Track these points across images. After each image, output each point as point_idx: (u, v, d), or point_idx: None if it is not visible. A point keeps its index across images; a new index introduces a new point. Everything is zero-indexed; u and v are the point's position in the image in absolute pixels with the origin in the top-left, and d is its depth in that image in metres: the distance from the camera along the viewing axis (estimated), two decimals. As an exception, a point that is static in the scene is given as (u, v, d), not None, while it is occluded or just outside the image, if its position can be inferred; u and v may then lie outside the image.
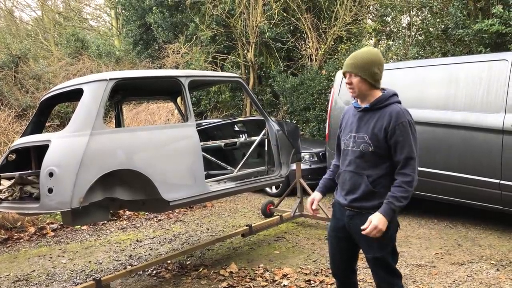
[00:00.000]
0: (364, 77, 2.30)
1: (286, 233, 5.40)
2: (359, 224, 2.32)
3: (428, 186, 5.43)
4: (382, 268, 2.36)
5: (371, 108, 2.33)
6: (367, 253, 2.38)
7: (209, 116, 12.48)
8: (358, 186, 2.33)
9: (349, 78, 2.33)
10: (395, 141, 2.24)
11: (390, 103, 2.32)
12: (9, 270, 4.56)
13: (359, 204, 2.33)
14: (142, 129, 3.63)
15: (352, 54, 2.37)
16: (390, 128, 2.24)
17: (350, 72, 2.32)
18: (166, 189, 3.43)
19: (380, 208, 2.22)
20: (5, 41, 11.33)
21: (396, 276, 2.39)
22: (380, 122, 2.27)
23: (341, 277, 2.60)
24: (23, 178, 3.25)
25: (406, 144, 2.23)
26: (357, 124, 2.37)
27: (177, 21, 13.50)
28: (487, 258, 4.24)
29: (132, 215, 6.72)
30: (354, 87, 2.33)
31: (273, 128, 4.65)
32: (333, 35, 11.88)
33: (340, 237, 2.49)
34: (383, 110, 2.30)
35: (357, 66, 2.30)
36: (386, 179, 2.30)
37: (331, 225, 2.56)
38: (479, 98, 4.99)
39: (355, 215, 2.36)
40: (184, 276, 4.12)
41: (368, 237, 2.29)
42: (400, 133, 2.23)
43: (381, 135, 2.25)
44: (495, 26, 7.52)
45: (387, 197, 2.23)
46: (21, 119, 8.76)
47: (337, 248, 2.53)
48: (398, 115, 2.25)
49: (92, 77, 3.43)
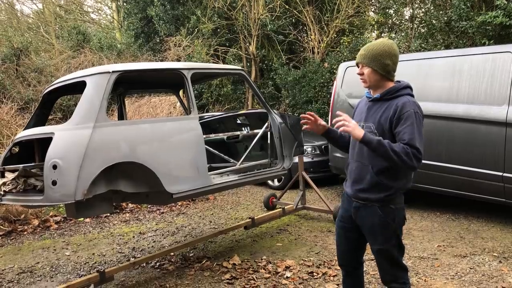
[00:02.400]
0: (375, 68, 2.30)
1: (288, 226, 5.41)
2: (365, 216, 2.35)
3: (430, 178, 5.43)
4: (387, 260, 2.37)
5: (381, 98, 2.33)
6: (372, 245, 2.40)
7: (211, 109, 12.47)
8: (363, 176, 2.34)
9: (361, 68, 2.36)
10: (398, 130, 2.21)
11: (400, 94, 2.31)
12: (14, 262, 4.59)
13: (364, 196, 2.33)
14: (145, 122, 3.62)
15: (366, 45, 2.39)
16: (395, 117, 2.23)
17: (361, 63, 2.35)
18: (169, 181, 3.43)
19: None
20: (6, 34, 11.31)
21: (402, 269, 2.39)
22: (387, 112, 2.27)
23: (347, 268, 2.62)
24: (27, 171, 3.25)
25: (408, 132, 2.15)
26: (366, 113, 2.39)
27: (178, 14, 13.44)
28: (490, 250, 4.25)
29: (135, 207, 6.74)
30: (365, 78, 2.35)
31: (276, 121, 4.64)
32: (335, 28, 11.83)
33: (347, 227, 2.51)
34: (392, 101, 2.30)
35: (368, 57, 2.31)
36: (391, 171, 2.28)
37: (339, 214, 2.58)
38: (483, 91, 4.97)
39: (361, 206, 2.37)
40: (187, 268, 4.14)
41: (373, 229, 2.32)
42: (403, 121, 2.18)
43: (386, 125, 2.25)
44: (499, 18, 7.47)
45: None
46: (24, 112, 8.77)
47: (344, 238, 2.55)
48: (404, 105, 2.23)
49: (95, 70, 3.42)
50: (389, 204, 2.30)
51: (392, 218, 2.31)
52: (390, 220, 2.30)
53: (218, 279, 3.82)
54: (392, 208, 2.31)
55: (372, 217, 2.32)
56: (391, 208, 2.31)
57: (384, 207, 2.30)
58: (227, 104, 12.60)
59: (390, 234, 2.32)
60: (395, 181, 2.30)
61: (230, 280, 3.77)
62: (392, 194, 2.30)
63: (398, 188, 2.31)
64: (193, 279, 3.85)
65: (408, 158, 2.12)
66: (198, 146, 3.70)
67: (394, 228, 2.33)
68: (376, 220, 2.31)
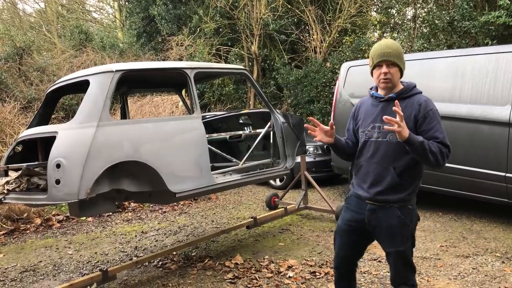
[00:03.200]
0: (401, 67, 2.28)
1: (290, 225, 5.41)
2: (382, 218, 2.29)
3: (433, 178, 5.42)
4: (402, 262, 2.32)
5: (397, 98, 2.27)
6: (389, 247, 2.31)
7: (213, 108, 12.47)
8: (383, 178, 2.27)
9: (387, 67, 2.25)
10: (426, 128, 2.20)
11: (415, 93, 2.31)
12: (16, 261, 4.60)
13: (383, 198, 2.27)
14: (149, 121, 3.62)
15: (383, 43, 2.28)
16: (420, 115, 2.21)
17: (390, 61, 2.24)
18: (172, 180, 3.43)
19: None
20: (9, 33, 11.31)
21: (412, 271, 2.36)
22: (408, 110, 2.23)
23: (342, 270, 2.55)
24: (30, 170, 3.26)
25: (439, 130, 2.19)
26: (380, 113, 2.30)
27: (180, 13, 13.44)
28: (492, 250, 4.24)
29: (137, 207, 6.75)
30: (391, 77, 2.26)
31: (279, 121, 4.64)
32: (337, 27, 11.82)
33: (354, 230, 2.42)
34: (409, 99, 2.28)
35: (395, 55, 2.25)
36: (412, 171, 2.27)
37: (344, 218, 2.47)
38: (486, 91, 4.96)
39: (377, 208, 2.30)
40: (189, 268, 4.14)
41: (392, 230, 2.26)
42: (430, 120, 2.20)
43: (410, 123, 2.20)
44: (502, 18, 7.46)
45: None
46: (27, 111, 8.77)
47: (348, 241, 2.46)
48: (427, 103, 2.24)
49: (98, 69, 3.43)
50: (407, 204, 2.29)
51: (410, 218, 2.29)
52: (408, 221, 2.28)
53: (221, 279, 3.82)
54: (410, 208, 2.30)
55: (390, 219, 2.27)
56: (409, 208, 2.29)
57: (403, 208, 2.27)
58: (229, 104, 12.60)
59: (408, 235, 2.30)
60: (414, 181, 2.30)
61: (233, 280, 3.77)
62: (411, 194, 2.29)
63: (415, 188, 2.32)
64: (195, 279, 3.85)
65: (442, 158, 2.15)
66: (201, 145, 3.70)
67: (411, 229, 2.31)
68: (395, 222, 2.26)
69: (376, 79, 2.32)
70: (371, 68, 2.35)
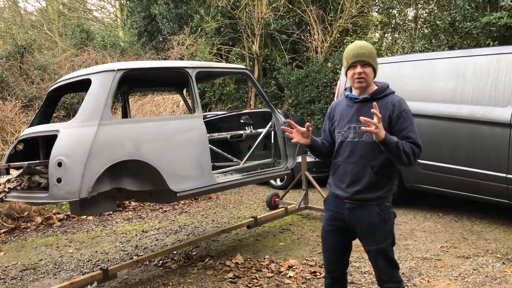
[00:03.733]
0: (375, 67, 2.33)
1: (291, 225, 5.42)
2: (360, 216, 2.32)
3: (434, 179, 5.42)
4: (383, 260, 2.34)
5: (371, 98, 2.33)
6: (370, 245, 2.34)
7: (214, 108, 12.47)
8: (361, 177, 2.31)
9: (362, 67, 2.29)
10: (400, 128, 2.26)
11: (388, 93, 2.37)
12: (17, 259, 4.60)
13: (361, 196, 2.31)
14: (150, 120, 3.63)
15: (356, 45, 2.33)
16: (394, 115, 2.27)
17: (364, 61, 2.29)
18: (173, 180, 3.44)
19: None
20: (10, 31, 11.32)
21: (395, 268, 2.39)
22: (382, 110, 2.26)
23: (335, 273, 2.53)
24: (31, 168, 3.26)
25: (412, 131, 2.26)
26: (355, 114, 2.35)
27: (182, 13, 13.45)
28: (493, 251, 4.24)
29: (138, 206, 6.76)
30: (366, 77, 2.31)
31: (280, 120, 4.64)
32: (339, 28, 11.82)
33: (337, 229, 2.43)
34: (383, 99, 2.33)
35: (369, 55, 2.30)
36: (388, 169, 2.32)
37: (326, 218, 2.49)
38: (487, 92, 4.96)
39: (356, 207, 2.34)
40: (190, 267, 4.15)
41: (372, 228, 2.30)
42: (403, 120, 2.27)
43: (385, 123, 2.24)
44: (503, 19, 7.45)
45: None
46: (27, 110, 8.78)
47: (334, 241, 2.46)
48: (400, 103, 2.31)
49: (100, 68, 3.43)
50: (385, 202, 2.34)
51: (388, 216, 2.34)
52: (387, 218, 2.33)
53: (221, 278, 3.82)
54: (387, 205, 2.35)
55: (370, 216, 2.30)
56: (386, 205, 2.34)
57: (381, 205, 2.32)
58: (229, 103, 12.60)
59: (387, 232, 2.34)
60: (391, 179, 2.36)
61: (233, 279, 3.77)
62: (388, 192, 2.35)
63: (392, 186, 2.38)
64: (196, 278, 3.86)
65: (414, 158, 2.22)
66: (202, 145, 3.71)
67: (390, 226, 2.35)
68: (375, 219, 2.30)
69: (350, 79, 2.37)
70: (345, 69, 2.39)
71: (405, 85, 5.68)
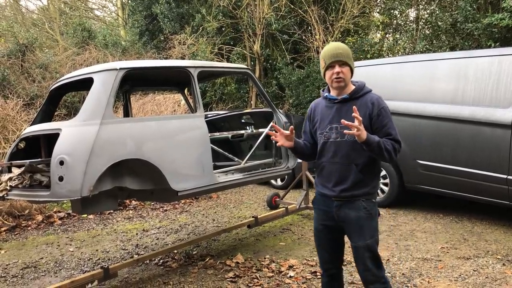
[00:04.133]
0: (352, 67, 2.39)
1: (291, 225, 5.42)
2: (348, 212, 2.36)
3: (434, 180, 5.43)
4: (370, 257, 2.34)
5: (350, 98, 2.37)
6: (358, 241, 2.35)
7: (215, 108, 12.48)
8: (347, 176, 2.35)
9: (340, 67, 2.33)
10: (380, 126, 2.31)
11: (366, 92, 2.41)
12: (18, 257, 4.61)
13: (349, 194, 2.35)
14: (152, 119, 3.63)
15: (333, 46, 2.37)
16: (373, 114, 2.32)
17: (342, 61, 2.33)
18: (174, 179, 3.44)
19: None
20: (12, 30, 11.34)
21: (382, 268, 2.39)
22: (362, 109, 2.31)
23: (331, 271, 2.55)
24: (33, 166, 3.27)
25: (391, 127, 2.32)
26: (335, 115, 2.39)
27: (183, 12, 13.45)
28: (493, 253, 4.24)
29: (138, 205, 6.76)
30: (344, 77, 2.35)
31: (281, 120, 4.65)
32: (340, 28, 11.81)
33: (329, 226, 2.46)
34: (361, 99, 2.37)
35: (346, 55, 2.34)
36: (371, 166, 2.37)
37: (317, 218, 2.52)
38: (488, 93, 4.96)
39: (343, 204, 2.37)
40: (190, 266, 4.15)
41: (360, 223, 2.34)
42: (383, 118, 2.32)
43: (365, 121, 2.28)
44: (505, 20, 7.46)
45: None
46: (29, 108, 8.80)
47: (326, 239, 2.49)
48: (378, 101, 2.36)
49: (102, 66, 3.43)
50: (371, 198, 2.39)
51: (375, 211, 2.39)
52: (374, 214, 2.37)
53: (222, 277, 3.83)
54: (374, 202, 2.40)
55: (357, 211, 2.34)
56: (373, 201, 2.39)
57: (368, 201, 2.36)
58: (230, 103, 12.61)
59: (374, 228, 2.38)
60: (375, 176, 2.42)
61: (234, 279, 3.78)
62: (374, 188, 2.40)
63: (377, 182, 2.46)
64: (196, 277, 3.86)
65: (395, 154, 2.30)
66: (203, 144, 3.71)
67: (376, 222, 2.40)
68: (362, 214, 2.33)
69: (329, 80, 2.39)
70: (323, 70, 2.42)
71: (406, 86, 5.69)
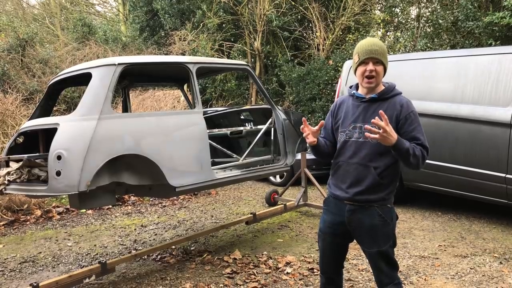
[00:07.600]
0: (386, 66, 2.25)
1: (289, 222, 5.43)
2: (361, 218, 2.25)
3: (433, 178, 5.43)
4: (385, 262, 2.28)
5: (379, 98, 2.25)
6: (371, 248, 2.27)
7: (215, 104, 12.47)
8: (363, 178, 2.23)
9: (374, 65, 2.19)
10: (408, 130, 2.19)
11: (395, 94, 2.29)
12: (16, 252, 4.62)
13: (364, 197, 2.23)
14: (150, 115, 3.63)
15: (369, 41, 2.23)
16: (401, 116, 2.20)
17: (376, 58, 2.19)
18: (172, 175, 3.44)
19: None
20: (12, 24, 11.32)
21: (396, 269, 2.33)
22: (389, 111, 2.20)
23: (331, 275, 2.50)
24: (31, 161, 3.27)
25: (420, 132, 2.20)
26: (362, 114, 2.27)
27: (184, 8, 13.43)
28: (491, 251, 4.25)
29: (137, 200, 6.77)
30: (377, 76, 2.21)
31: (280, 117, 4.64)
32: (341, 25, 11.80)
33: (337, 233, 2.36)
34: (390, 100, 2.25)
35: (381, 53, 2.20)
36: (392, 170, 2.25)
37: (326, 221, 2.40)
38: (488, 92, 4.95)
39: (357, 209, 2.25)
40: (188, 262, 4.16)
41: (374, 231, 2.23)
42: (411, 121, 2.20)
43: (392, 124, 2.15)
44: (506, 19, 7.44)
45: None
46: (28, 103, 8.79)
47: (332, 245, 2.41)
48: (408, 105, 2.24)
49: (101, 62, 3.43)
50: (387, 203, 2.27)
51: (390, 217, 2.27)
52: (389, 220, 2.26)
53: (219, 273, 3.83)
54: (389, 207, 2.28)
55: (371, 218, 2.23)
56: (388, 207, 2.27)
57: (382, 207, 2.25)
58: (230, 100, 12.61)
59: (389, 234, 2.27)
60: (393, 180, 2.28)
61: (231, 274, 3.78)
62: (390, 193, 2.28)
63: (394, 187, 2.30)
64: (194, 273, 3.87)
65: (422, 161, 2.19)
66: (202, 140, 3.71)
67: (392, 228, 2.29)
68: (376, 221, 2.23)
69: (360, 77, 2.25)
70: (355, 65, 2.26)
71: (406, 84, 5.66)
